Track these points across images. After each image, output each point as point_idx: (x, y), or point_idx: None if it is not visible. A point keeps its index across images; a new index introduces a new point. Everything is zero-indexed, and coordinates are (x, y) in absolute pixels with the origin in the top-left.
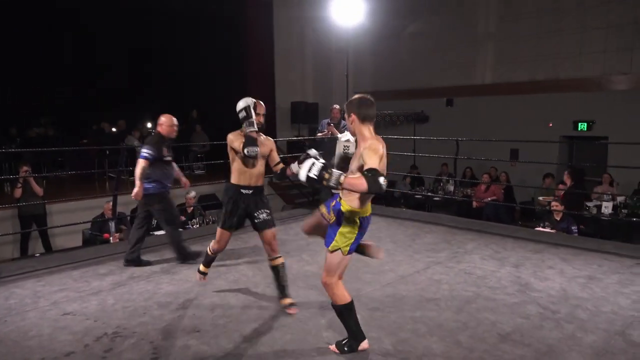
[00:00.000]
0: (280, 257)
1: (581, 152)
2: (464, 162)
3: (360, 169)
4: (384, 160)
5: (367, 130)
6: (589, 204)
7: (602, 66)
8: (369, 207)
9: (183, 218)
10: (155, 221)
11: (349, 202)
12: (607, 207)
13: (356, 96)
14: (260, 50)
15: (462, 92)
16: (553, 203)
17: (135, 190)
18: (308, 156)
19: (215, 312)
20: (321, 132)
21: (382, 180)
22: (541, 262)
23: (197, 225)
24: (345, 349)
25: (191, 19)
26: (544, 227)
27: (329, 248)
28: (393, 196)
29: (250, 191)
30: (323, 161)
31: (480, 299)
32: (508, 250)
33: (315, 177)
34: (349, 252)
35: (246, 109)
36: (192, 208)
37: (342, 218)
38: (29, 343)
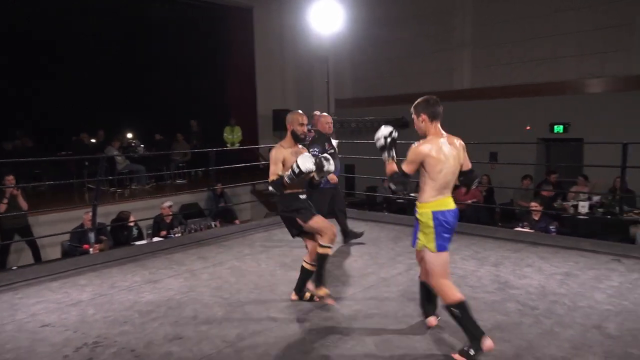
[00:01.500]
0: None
1: (558, 153)
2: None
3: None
4: (430, 161)
5: (433, 129)
6: (567, 203)
7: (577, 70)
8: (443, 201)
9: (164, 233)
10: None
11: (419, 200)
12: (583, 207)
13: (422, 98)
14: (241, 57)
15: (441, 97)
16: (532, 203)
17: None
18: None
19: (198, 318)
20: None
21: (397, 180)
22: (520, 261)
23: (179, 234)
24: (471, 352)
25: (171, 27)
26: (522, 227)
27: (416, 247)
28: (375, 200)
29: (304, 196)
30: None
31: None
32: (488, 250)
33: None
34: (439, 249)
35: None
36: (170, 217)
37: (416, 216)
38: (6, 356)
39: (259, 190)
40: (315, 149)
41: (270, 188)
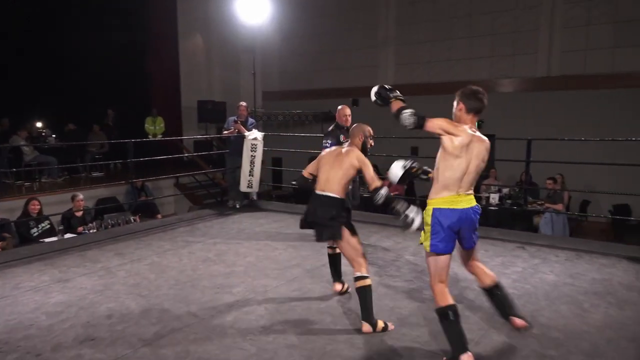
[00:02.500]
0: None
1: None
2: (369, 159)
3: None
4: (451, 142)
5: (467, 122)
6: (478, 195)
7: (489, 70)
8: (449, 199)
9: (80, 229)
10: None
11: (430, 195)
12: (494, 198)
13: (469, 88)
14: (164, 46)
15: (367, 92)
16: None
17: None
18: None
19: (113, 318)
20: (227, 130)
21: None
22: None
23: (95, 230)
24: None
25: (89, 14)
26: None
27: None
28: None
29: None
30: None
31: (381, 287)
32: (408, 240)
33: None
34: (434, 250)
35: None
36: (82, 212)
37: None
38: None
39: (183, 183)
40: (329, 141)
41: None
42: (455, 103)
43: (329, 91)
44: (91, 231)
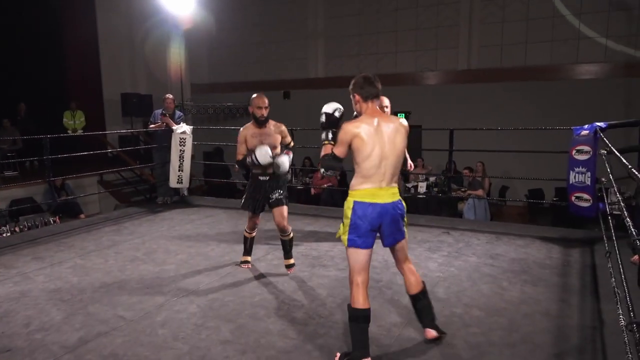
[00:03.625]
0: (289, 234)
1: None
2: (302, 151)
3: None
4: (357, 142)
5: (368, 110)
6: (407, 185)
7: (414, 64)
8: (371, 191)
9: None
10: None
11: (351, 185)
12: (422, 187)
13: (358, 76)
14: (82, 35)
15: (298, 85)
16: None
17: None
18: None
19: (32, 326)
20: (154, 124)
21: (327, 164)
22: None
23: (8, 234)
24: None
25: None
26: None
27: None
28: (235, 187)
29: (267, 177)
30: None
31: (315, 277)
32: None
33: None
34: (351, 245)
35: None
36: None
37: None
38: None
39: (108, 180)
40: None
41: (236, 166)
42: (351, 97)
43: (260, 84)
44: (5, 235)
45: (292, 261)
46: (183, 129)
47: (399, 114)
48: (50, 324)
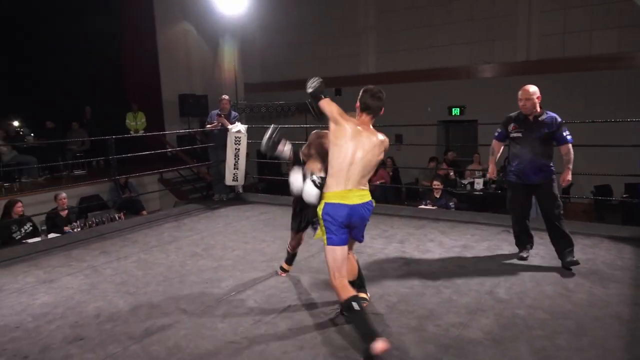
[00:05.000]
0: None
1: (456, 134)
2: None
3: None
4: (340, 129)
5: (359, 118)
6: (464, 181)
7: (470, 56)
8: (340, 193)
9: (67, 228)
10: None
11: (325, 188)
12: (478, 183)
13: (367, 87)
14: (142, 39)
15: (349, 81)
16: (434, 182)
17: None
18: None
19: (101, 317)
20: (210, 124)
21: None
22: (423, 237)
23: (79, 229)
24: (361, 357)
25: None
26: (425, 204)
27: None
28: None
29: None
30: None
31: (370, 275)
32: (395, 228)
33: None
34: (330, 243)
35: None
36: (66, 211)
37: None
38: None
39: (167, 178)
40: None
41: None
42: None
43: None
44: (75, 230)
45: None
46: (238, 128)
47: (453, 109)
48: (118, 315)
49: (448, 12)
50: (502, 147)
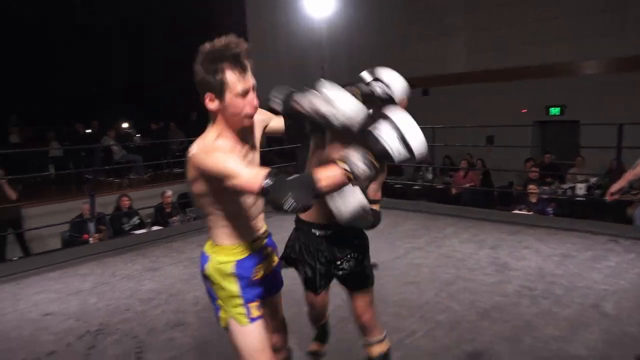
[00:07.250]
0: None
1: (554, 135)
2: (442, 150)
3: None
4: None
5: None
6: (564, 185)
7: (570, 52)
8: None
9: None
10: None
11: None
12: (581, 188)
13: None
14: None
15: (437, 81)
16: (530, 186)
17: None
18: None
19: (199, 305)
20: None
21: None
22: (517, 243)
23: (178, 223)
24: None
25: (157, 11)
26: (520, 209)
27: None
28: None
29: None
30: None
31: (460, 280)
32: (486, 233)
33: None
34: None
35: None
36: (170, 207)
37: None
38: (10, 345)
39: None
40: None
41: None
42: None
43: None
44: (176, 224)
45: None
46: None
47: (551, 109)
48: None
49: (546, 5)
50: None
